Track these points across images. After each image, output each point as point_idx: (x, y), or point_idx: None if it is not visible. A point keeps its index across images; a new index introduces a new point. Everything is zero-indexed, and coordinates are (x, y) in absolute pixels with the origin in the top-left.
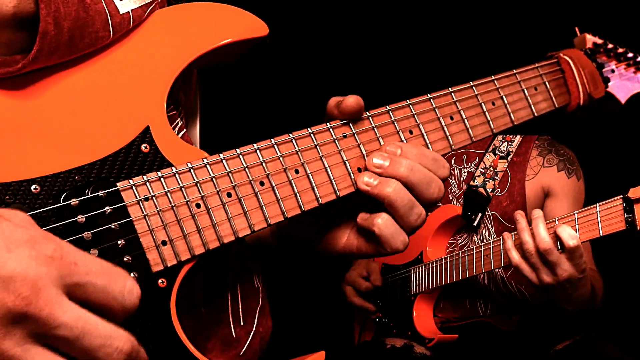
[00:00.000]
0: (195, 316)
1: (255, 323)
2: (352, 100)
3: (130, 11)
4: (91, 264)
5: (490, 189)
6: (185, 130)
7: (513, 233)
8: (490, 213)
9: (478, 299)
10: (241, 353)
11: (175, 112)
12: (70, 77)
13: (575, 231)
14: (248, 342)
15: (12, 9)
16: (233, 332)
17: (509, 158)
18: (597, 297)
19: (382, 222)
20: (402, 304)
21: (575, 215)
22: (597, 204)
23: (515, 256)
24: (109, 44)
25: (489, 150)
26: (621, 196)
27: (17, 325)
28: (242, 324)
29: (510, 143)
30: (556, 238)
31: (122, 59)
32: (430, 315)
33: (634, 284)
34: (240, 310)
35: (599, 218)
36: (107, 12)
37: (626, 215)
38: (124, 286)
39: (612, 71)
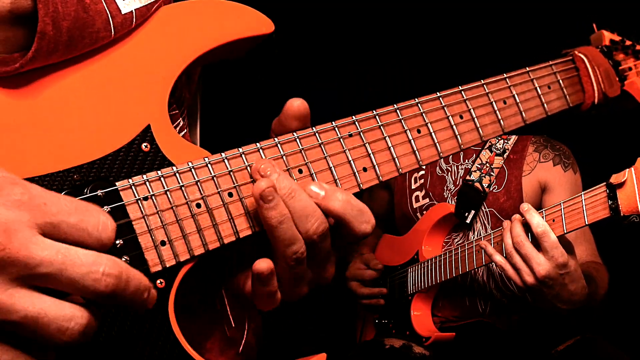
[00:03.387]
0: (195, 316)
1: (248, 320)
2: (298, 103)
3: (134, 10)
4: (61, 203)
5: (487, 185)
6: (186, 129)
7: (492, 233)
8: (487, 210)
9: (477, 297)
10: (240, 351)
11: (177, 111)
12: (70, 75)
13: (562, 221)
14: (244, 340)
15: (8, 5)
16: (227, 332)
17: (505, 155)
18: (598, 292)
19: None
20: (400, 304)
21: (561, 205)
22: (582, 193)
23: (499, 259)
24: (111, 42)
25: (485, 147)
26: (604, 183)
27: None
28: (236, 323)
29: (506, 141)
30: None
31: (124, 57)
32: (429, 315)
33: (633, 284)
34: (229, 310)
35: (584, 207)
36: (107, 12)
37: (610, 202)
38: (97, 221)
39: (629, 69)
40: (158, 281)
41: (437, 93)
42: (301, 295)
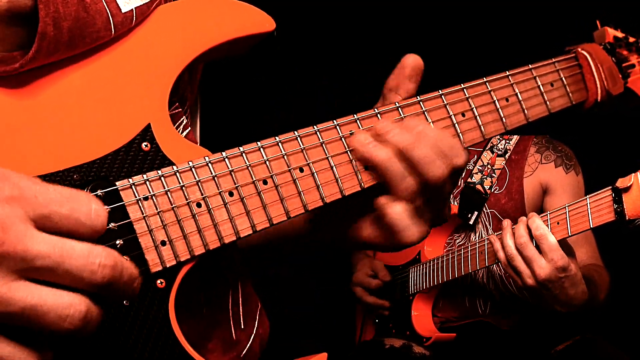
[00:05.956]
0: (197, 316)
1: (256, 325)
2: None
3: (134, 9)
4: (52, 194)
5: (488, 186)
6: (190, 128)
7: (497, 234)
8: (488, 211)
9: (477, 297)
10: (242, 355)
11: (180, 109)
12: (70, 74)
13: (567, 224)
14: (249, 344)
15: (5, 4)
16: (234, 334)
17: (506, 156)
18: (599, 295)
19: (396, 212)
20: (401, 304)
21: (566, 208)
22: (587, 196)
23: (502, 257)
24: (111, 41)
25: (487, 148)
26: (610, 187)
27: None
28: (242, 326)
29: (508, 141)
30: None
31: (124, 55)
32: (429, 315)
33: (634, 284)
34: (241, 312)
35: (589, 210)
36: (108, 11)
37: (615, 206)
38: (89, 209)
39: (633, 66)
40: (158, 281)
41: (440, 91)
42: (423, 235)
